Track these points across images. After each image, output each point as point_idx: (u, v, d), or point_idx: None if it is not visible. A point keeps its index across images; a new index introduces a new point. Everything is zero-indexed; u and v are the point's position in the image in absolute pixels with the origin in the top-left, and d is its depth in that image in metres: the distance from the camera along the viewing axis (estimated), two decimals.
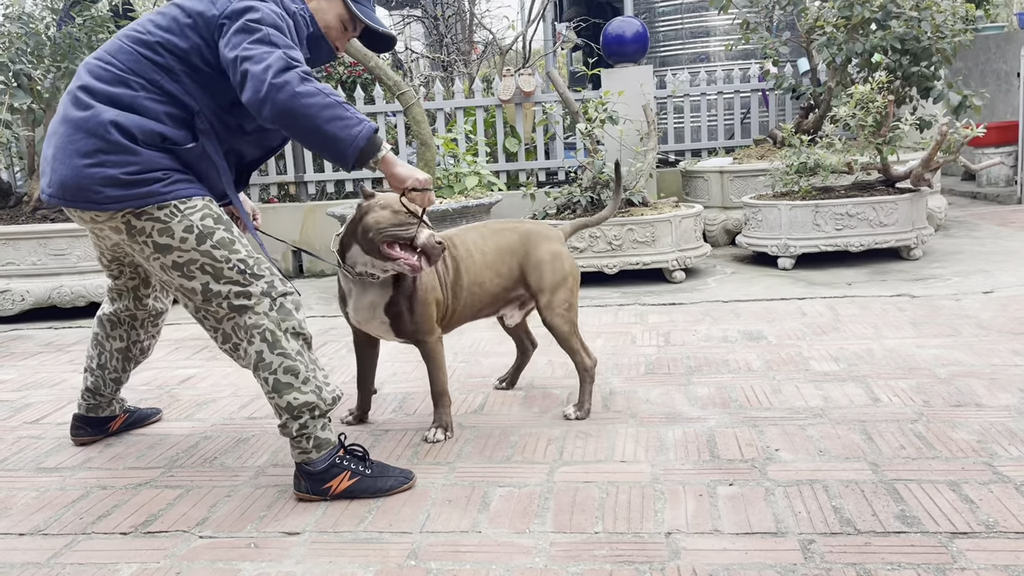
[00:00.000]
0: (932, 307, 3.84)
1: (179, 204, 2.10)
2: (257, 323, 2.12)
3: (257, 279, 2.14)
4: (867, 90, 4.82)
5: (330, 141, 2.00)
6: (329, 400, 2.16)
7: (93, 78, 2.11)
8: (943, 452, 2.24)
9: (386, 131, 6.51)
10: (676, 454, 2.34)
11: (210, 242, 2.11)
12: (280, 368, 2.11)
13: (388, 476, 2.22)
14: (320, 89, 1.98)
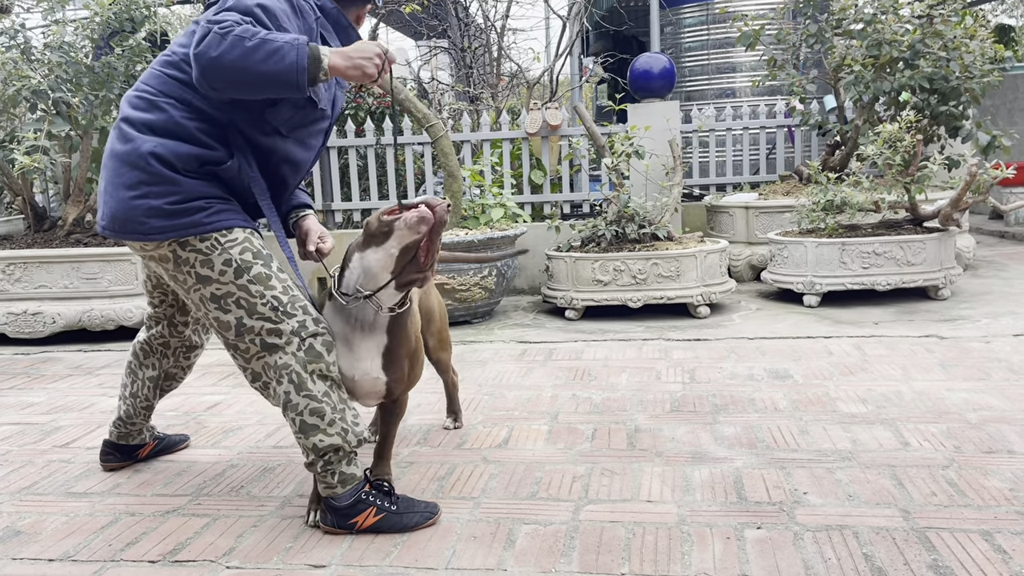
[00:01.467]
0: (961, 349, 3.80)
1: (220, 237, 2.13)
2: (286, 364, 2.12)
3: (289, 317, 2.14)
4: (895, 129, 4.82)
5: (276, 81, 1.95)
6: (354, 443, 2.17)
7: (131, 108, 2.16)
8: (975, 500, 2.20)
9: (413, 161, 6.58)
10: (703, 495, 2.33)
11: (247, 276, 2.13)
12: (306, 410, 2.12)
13: (414, 512, 2.22)
14: (240, 35, 1.91)
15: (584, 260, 4.99)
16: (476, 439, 2.90)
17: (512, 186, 6.43)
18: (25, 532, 2.28)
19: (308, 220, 2.49)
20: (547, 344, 4.39)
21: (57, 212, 5.94)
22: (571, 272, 5.05)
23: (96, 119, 4.98)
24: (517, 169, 6.68)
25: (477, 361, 4.07)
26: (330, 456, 2.14)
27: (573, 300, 5.01)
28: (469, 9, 9.98)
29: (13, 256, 4.91)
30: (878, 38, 5.40)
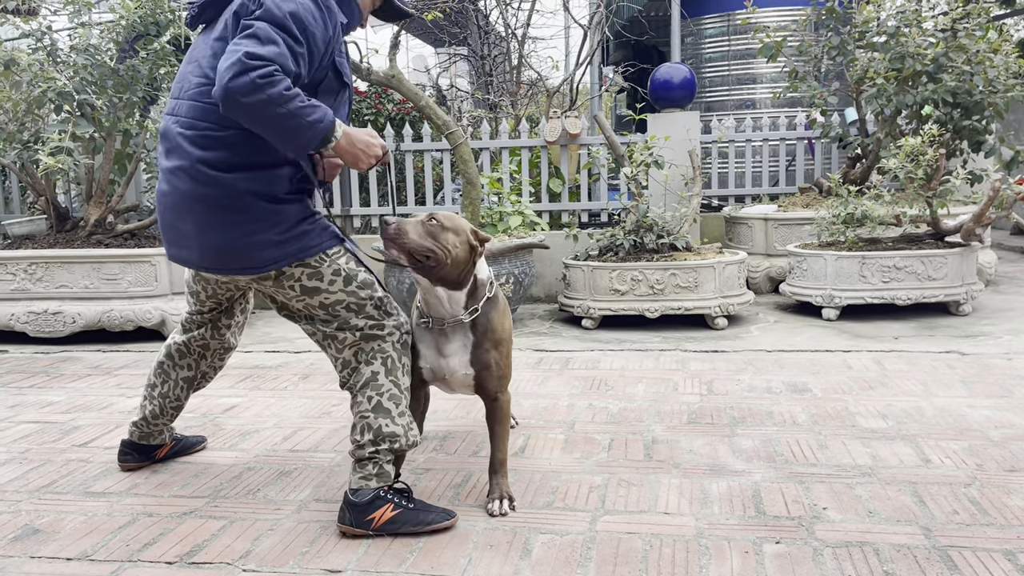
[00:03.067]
0: (983, 365, 3.76)
1: (326, 252, 2.23)
2: (383, 348, 2.27)
3: (391, 315, 2.31)
4: (917, 142, 4.79)
5: (286, 141, 2.02)
6: (411, 441, 2.25)
7: (200, 149, 2.12)
8: (998, 519, 2.18)
9: (432, 167, 6.60)
10: (721, 508, 2.31)
11: (355, 283, 2.26)
12: (387, 393, 2.23)
13: (430, 511, 2.23)
14: (273, 99, 1.92)
15: (602, 269, 4.98)
16: None
17: (530, 194, 6.43)
18: (43, 531, 2.29)
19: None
20: (564, 353, 4.38)
21: (79, 213, 5.99)
22: (588, 281, 5.04)
23: (120, 121, 5.02)
24: (536, 177, 6.68)
25: None
26: (385, 444, 2.20)
27: (590, 309, 5.00)
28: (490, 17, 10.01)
29: (35, 256, 4.95)
30: (901, 51, 5.37)
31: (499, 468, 2.41)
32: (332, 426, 3.18)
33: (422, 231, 2.21)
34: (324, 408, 3.44)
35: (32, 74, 4.72)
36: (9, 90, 4.80)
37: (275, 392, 3.73)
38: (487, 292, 2.37)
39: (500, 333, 2.37)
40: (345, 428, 3.16)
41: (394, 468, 2.24)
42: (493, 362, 2.35)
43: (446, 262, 2.21)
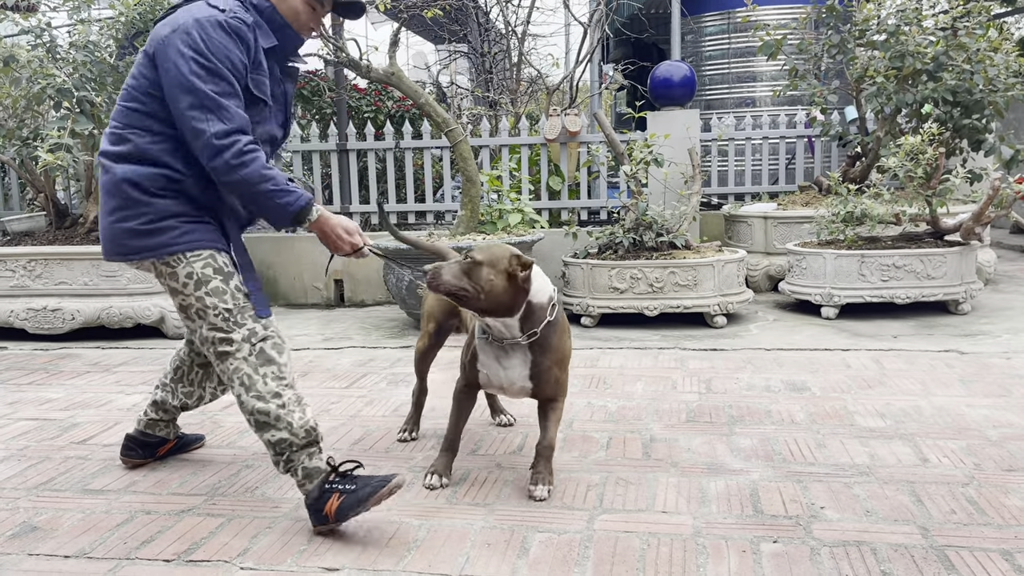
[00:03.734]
0: (982, 365, 3.76)
1: (187, 252, 2.27)
2: (237, 368, 2.27)
3: (239, 327, 2.27)
4: (917, 141, 4.78)
5: (266, 212, 2.26)
6: (302, 435, 2.24)
7: (107, 143, 2.32)
8: (995, 519, 2.18)
9: (432, 164, 6.59)
10: (719, 507, 2.31)
11: (204, 289, 2.27)
12: (255, 410, 2.24)
13: (368, 486, 2.21)
14: (249, 179, 2.16)
15: (601, 267, 4.98)
16: (490, 445, 2.89)
17: (530, 192, 6.43)
18: (42, 528, 2.29)
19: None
20: None
21: (78, 209, 5.99)
22: (588, 279, 5.04)
23: None
24: (535, 175, 6.68)
25: None
26: (285, 451, 2.23)
27: (589, 307, 5.00)
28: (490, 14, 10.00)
29: (34, 252, 4.95)
30: (901, 49, 5.37)
31: (546, 453, 2.48)
32: (330, 424, 3.18)
33: (457, 270, 2.28)
34: (323, 406, 3.44)
35: (31, 71, 4.71)
36: (9, 87, 4.79)
37: None
38: (547, 315, 2.38)
39: (560, 352, 2.45)
40: (345, 425, 3.16)
41: (319, 460, 2.26)
42: (553, 377, 2.45)
43: (479, 297, 2.27)
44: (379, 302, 6.20)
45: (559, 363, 2.46)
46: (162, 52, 2.18)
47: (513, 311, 2.32)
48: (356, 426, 3.15)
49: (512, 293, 2.30)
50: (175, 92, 2.17)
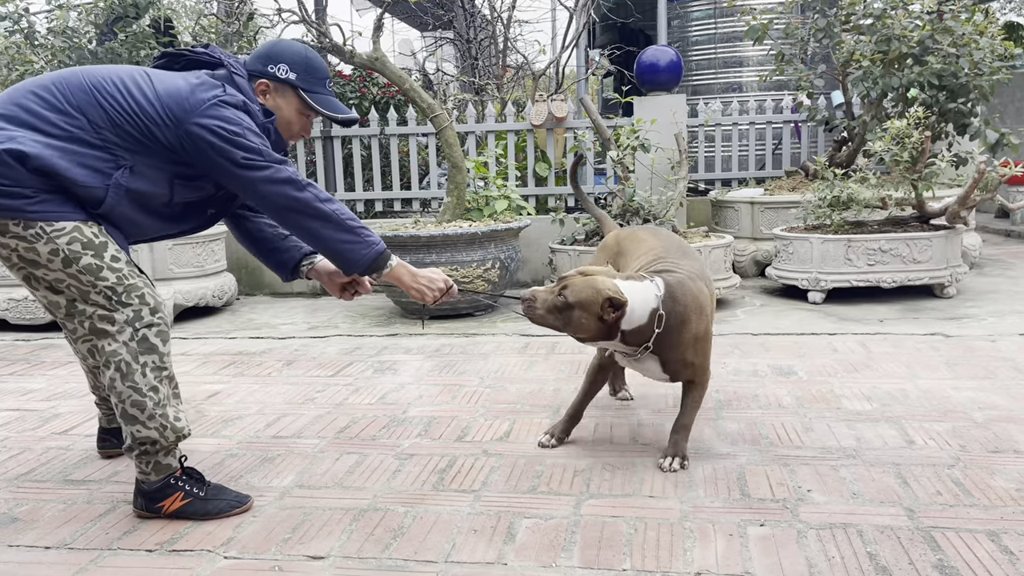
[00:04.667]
0: (967, 347, 3.77)
1: (45, 226, 2.07)
2: (115, 351, 2.13)
3: (124, 307, 2.13)
4: (903, 125, 4.78)
5: (336, 255, 2.31)
6: (172, 439, 2.20)
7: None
8: (981, 500, 2.18)
9: (417, 152, 6.55)
10: (706, 491, 2.31)
11: (76, 267, 2.10)
12: (128, 400, 2.15)
13: (221, 499, 2.24)
14: (313, 201, 2.21)
15: (588, 254, 4.96)
16: (477, 431, 2.88)
17: (516, 178, 6.40)
18: (22, 519, 2.26)
19: (324, 263, 2.59)
20: (549, 337, 4.37)
21: None
22: (574, 265, 5.02)
23: None
24: (522, 161, 6.65)
25: (479, 354, 4.05)
26: (147, 447, 2.18)
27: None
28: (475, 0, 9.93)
29: None
30: (887, 33, 5.36)
31: (681, 430, 2.52)
32: (316, 412, 3.16)
33: (550, 304, 2.34)
34: (308, 394, 3.42)
35: (9, 57, 4.64)
36: None
37: (258, 378, 3.70)
38: (655, 328, 2.37)
39: (686, 345, 2.44)
40: (330, 414, 3.14)
41: (171, 456, 2.22)
42: (686, 365, 2.48)
43: (572, 334, 2.36)
44: None
45: (692, 349, 2.45)
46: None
47: (610, 337, 2.38)
48: (342, 414, 3.13)
49: (605, 330, 2.34)
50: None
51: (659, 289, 2.40)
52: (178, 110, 2.12)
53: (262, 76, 2.32)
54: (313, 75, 2.37)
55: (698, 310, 2.45)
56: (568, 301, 2.31)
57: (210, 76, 2.23)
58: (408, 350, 4.18)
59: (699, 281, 2.52)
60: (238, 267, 6.18)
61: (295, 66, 2.34)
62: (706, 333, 2.48)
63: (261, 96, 2.33)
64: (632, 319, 2.35)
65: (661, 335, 2.39)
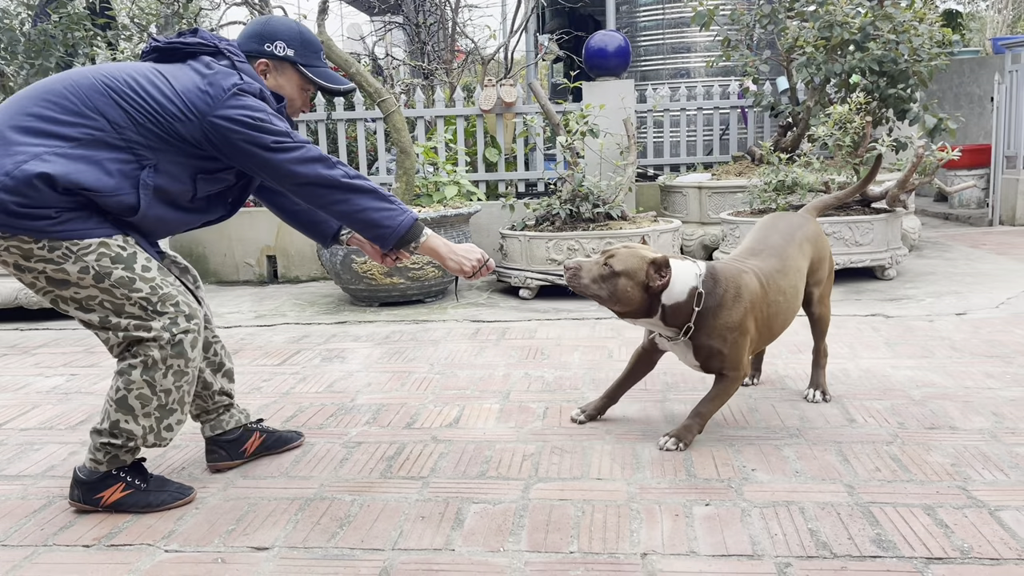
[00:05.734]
0: (906, 328, 3.87)
1: (71, 246, 2.02)
2: (147, 351, 2.09)
3: (160, 316, 2.10)
4: (845, 110, 4.87)
5: (367, 223, 2.23)
6: (150, 443, 2.16)
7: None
8: (918, 475, 2.24)
9: (365, 137, 6.47)
10: (652, 472, 2.33)
11: (108, 282, 2.05)
12: (136, 391, 2.10)
13: (163, 491, 2.21)
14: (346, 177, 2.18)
15: (538, 239, 4.96)
16: (426, 418, 2.86)
17: (466, 164, 6.36)
18: None
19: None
20: (501, 323, 4.36)
21: None
22: (525, 251, 5.02)
23: None
24: (471, 147, 6.61)
25: (430, 340, 4.03)
26: (120, 440, 2.13)
27: (527, 279, 4.98)
28: None
29: None
30: (830, 20, 5.43)
31: (695, 416, 2.53)
32: (262, 401, 3.11)
33: (596, 275, 2.39)
34: (253, 384, 3.36)
35: None
36: None
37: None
38: (694, 306, 2.41)
39: (718, 333, 2.44)
40: (277, 403, 3.09)
41: (132, 456, 2.18)
42: (715, 353, 2.47)
43: (614, 305, 2.40)
44: (314, 278, 6.09)
45: (721, 338, 2.45)
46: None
47: (651, 313, 2.42)
48: (288, 403, 3.08)
49: (647, 301, 2.40)
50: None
51: (700, 269, 2.45)
52: (201, 103, 2.07)
53: (260, 55, 2.27)
54: (309, 48, 2.33)
55: (737, 299, 2.46)
56: (615, 270, 2.37)
57: (220, 66, 2.16)
58: (357, 338, 4.14)
59: (751, 276, 2.53)
60: (180, 255, 6.05)
61: (291, 42, 2.29)
62: (741, 325, 2.46)
63: (262, 77, 2.27)
64: (672, 294, 2.40)
65: (698, 317, 2.42)
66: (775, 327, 2.63)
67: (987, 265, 5.43)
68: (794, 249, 2.72)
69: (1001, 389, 2.92)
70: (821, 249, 2.85)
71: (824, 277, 2.87)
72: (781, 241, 2.74)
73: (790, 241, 2.74)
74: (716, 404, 2.53)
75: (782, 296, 2.60)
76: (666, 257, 2.41)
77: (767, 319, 2.56)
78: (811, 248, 2.80)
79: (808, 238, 2.80)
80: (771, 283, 2.58)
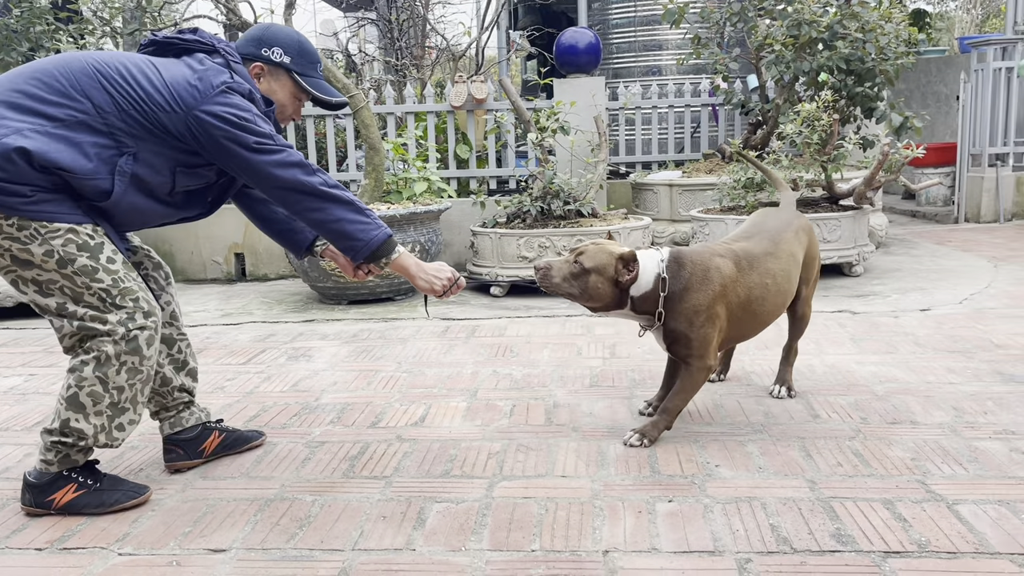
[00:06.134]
0: (872, 324, 3.90)
1: (39, 227, 2.01)
2: (100, 346, 2.07)
3: (117, 309, 2.08)
4: (813, 108, 4.90)
5: (341, 234, 2.23)
6: (102, 442, 2.12)
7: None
8: (878, 470, 2.25)
9: (335, 134, 6.42)
10: (617, 469, 2.32)
11: (71, 268, 2.04)
12: (88, 389, 2.07)
13: (117, 490, 2.18)
14: (327, 189, 2.18)
15: (509, 236, 4.95)
16: (392, 417, 2.84)
17: (437, 160, 6.33)
18: None
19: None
20: (470, 321, 4.35)
21: None
22: (496, 248, 5.00)
23: None
24: (442, 143, 6.58)
25: (398, 338, 4.00)
26: (71, 439, 2.09)
27: (498, 276, 4.97)
28: None
29: None
30: (798, 18, 5.47)
31: (662, 413, 2.53)
32: (225, 401, 3.07)
33: (566, 273, 2.42)
34: (217, 383, 3.32)
35: None
36: None
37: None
38: (660, 293, 2.44)
39: (684, 316, 2.45)
40: (240, 402, 3.05)
41: (84, 456, 2.15)
42: (681, 340, 2.48)
43: (586, 300, 2.43)
44: (282, 276, 6.03)
45: (687, 321, 2.45)
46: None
47: (622, 306, 2.46)
48: (252, 403, 3.04)
49: (618, 295, 2.44)
50: None
51: (663, 255, 2.47)
52: (188, 97, 2.07)
53: (256, 59, 2.28)
54: (306, 59, 2.34)
55: (704, 281, 2.46)
56: (585, 267, 2.40)
57: (213, 63, 2.16)
58: (324, 336, 4.10)
59: (724, 260, 2.52)
60: None
61: (289, 50, 2.30)
62: (708, 310, 2.45)
63: (255, 80, 2.28)
64: (640, 285, 2.43)
65: (666, 302, 2.44)
66: (761, 312, 2.57)
67: (952, 262, 5.50)
68: (790, 234, 2.72)
69: (962, 384, 2.95)
70: (814, 247, 2.87)
71: (812, 277, 2.89)
72: (778, 225, 2.74)
73: (787, 227, 2.74)
74: (682, 398, 2.52)
75: (770, 279, 2.57)
76: (633, 252, 2.42)
77: (746, 303, 2.52)
78: (807, 239, 2.81)
79: (805, 229, 2.82)
80: (756, 265, 2.56)
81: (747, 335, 2.64)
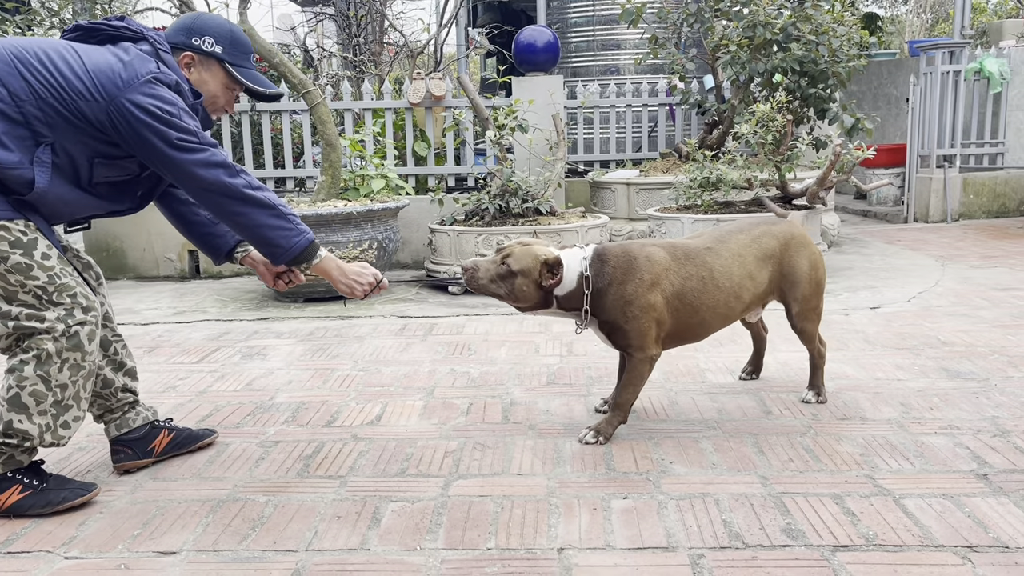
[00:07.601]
0: (823, 321, 3.95)
1: None
2: (40, 344, 2.03)
3: (55, 306, 2.04)
4: (768, 109, 4.97)
5: (263, 241, 2.21)
6: (48, 441, 2.08)
7: None
8: (828, 465, 2.30)
9: (291, 130, 6.34)
10: (573, 467, 2.33)
11: (4, 266, 1.99)
12: (30, 388, 2.03)
13: (63, 489, 2.14)
14: (250, 192, 2.15)
15: (467, 234, 4.94)
16: (348, 416, 2.82)
17: (395, 157, 6.29)
18: None
19: (256, 254, 2.48)
20: (428, 319, 4.33)
21: None
22: (454, 246, 4.99)
23: None
24: (400, 140, 6.54)
25: (355, 337, 3.97)
26: (15, 440, 2.05)
27: (456, 274, 4.95)
28: None
29: None
30: (753, 20, 5.54)
31: (613, 409, 2.55)
32: (176, 400, 3.01)
33: (493, 274, 2.43)
34: (169, 382, 3.26)
35: None
36: None
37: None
38: (584, 290, 2.45)
39: (615, 307, 2.46)
40: (192, 402, 2.99)
41: (29, 456, 2.12)
42: (618, 331, 2.50)
43: (513, 302, 2.45)
44: (237, 273, 5.94)
45: (620, 312, 2.46)
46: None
47: (548, 305, 2.48)
48: (204, 402, 2.99)
49: (543, 296, 2.46)
50: None
51: (586, 253, 2.48)
52: (110, 85, 2.01)
53: (186, 48, 2.22)
54: (238, 48, 2.29)
55: (629, 272, 2.46)
56: (511, 269, 2.41)
57: (139, 51, 2.09)
58: (280, 334, 4.05)
59: (655, 249, 2.52)
60: (97, 249, 5.83)
61: (220, 39, 2.25)
62: (640, 299, 2.45)
63: (185, 69, 2.22)
64: (564, 285, 2.45)
65: (592, 298, 2.45)
66: (700, 306, 2.53)
67: (901, 261, 5.63)
68: (743, 237, 2.66)
69: (909, 380, 3.02)
70: (793, 261, 2.72)
71: (800, 295, 2.74)
72: (731, 228, 2.73)
73: (740, 231, 2.69)
74: (630, 391, 2.54)
75: (707, 272, 2.54)
76: (558, 257, 2.43)
77: (681, 294, 2.50)
78: (778, 248, 2.69)
79: (778, 238, 2.70)
80: (693, 257, 2.56)
81: (697, 332, 2.60)
